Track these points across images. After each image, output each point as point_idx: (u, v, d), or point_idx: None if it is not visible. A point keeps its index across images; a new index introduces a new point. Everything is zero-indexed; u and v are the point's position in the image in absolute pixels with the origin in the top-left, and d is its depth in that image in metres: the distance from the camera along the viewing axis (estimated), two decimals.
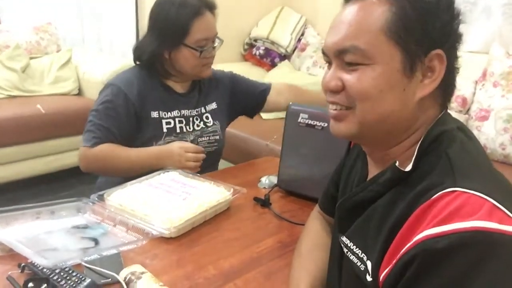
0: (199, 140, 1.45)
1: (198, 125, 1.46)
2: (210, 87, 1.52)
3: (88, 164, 1.35)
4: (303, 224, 0.99)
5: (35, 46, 3.01)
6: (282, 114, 1.26)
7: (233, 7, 3.04)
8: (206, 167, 1.39)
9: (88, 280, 0.79)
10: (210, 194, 1.13)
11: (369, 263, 0.62)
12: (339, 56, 0.63)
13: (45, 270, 0.82)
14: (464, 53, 2.31)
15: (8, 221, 0.95)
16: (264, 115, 2.65)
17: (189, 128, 1.44)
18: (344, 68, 0.63)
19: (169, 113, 1.41)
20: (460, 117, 1.95)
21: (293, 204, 1.21)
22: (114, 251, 0.89)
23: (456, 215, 0.51)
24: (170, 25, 1.33)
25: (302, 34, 3.08)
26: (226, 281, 0.87)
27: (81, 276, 0.80)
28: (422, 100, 0.62)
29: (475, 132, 1.95)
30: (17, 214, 0.98)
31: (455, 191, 0.53)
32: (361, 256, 0.65)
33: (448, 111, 0.67)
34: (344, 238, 0.71)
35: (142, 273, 0.82)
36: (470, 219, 0.50)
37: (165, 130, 1.39)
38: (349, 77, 0.62)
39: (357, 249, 0.67)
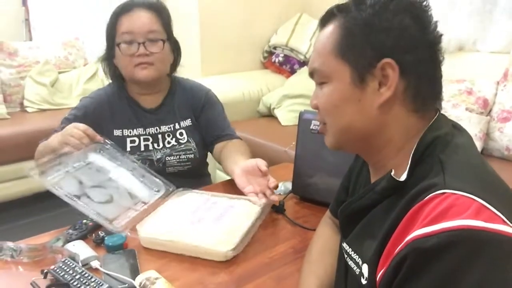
0: (166, 159, 1.40)
1: (169, 142, 1.41)
2: (184, 100, 1.45)
3: (35, 156, 1.32)
4: (315, 230, 1.00)
5: (64, 61, 3.13)
6: None
7: (252, 15, 3.09)
8: (179, 186, 1.24)
9: (105, 286, 0.83)
10: (245, 208, 1.12)
11: (364, 267, 0.64)
12: (312, 78, 0.72)
13: (66, 276, 0.87)
14: (485, 53, 2.29)
15: None
16: (283, 121, 2.68)
17: (157, 146, 1.40)
18: (317, 88, 0.72)
19: (134, 130, 1.39)
20: (482, 119, 1.92)
21: (307, 210, 1.23)
22: None
23: (445, 215, 0.52)
24: (107, 29, 1.36)
25: None
26: (237, 286, 0.89)
27: (99, 282, 0.84)
28: (387, 107, 0.65)
29: (496, 134, 1.92)
30: None
31: (445, 192, 0.55)
32: (358, 261, 0.67)
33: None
34: (344, 245, 0.73)
35: (157, 278, 0.86)
36: (458, 218, 0.51)
37: (128, 148, 1.37)
38: (318, 96, 0.71)
39: (355, 254, 0.69)
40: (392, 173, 0.63)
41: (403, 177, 0.62)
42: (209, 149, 1.49)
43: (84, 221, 1.09)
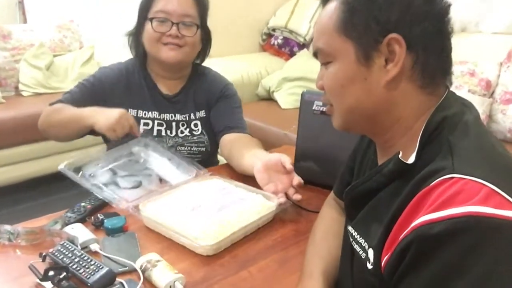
0: (177, 149, 1.35)
1: (182, 132, 1.37)
2: (202, 90, 1.41)
3: (40, 120, 1.32)
4: (318, 212, 0.99)
5: (59, 44, 3.07)
6: None
7: None
8: None
9: (106, 269, 0.82)
10: (253, 206, 1.03)
11: (370, 251, 0.62)
12: (316, 58, 0.70)
13: (65, 259, 0.85)
14: (487, 34, 2.25)
15: None
16: (282, 104, 2.65)
17: (170, 133, 1.36)
18: (322, 68, 0.70)
19: (149, 113, 1.35)
20: (484, 101, 1.89)
21: (309, 192, 1.20)
22: None
23: (452, 201, 0.50)
24: (141, 2, 1.33)
25: None
26: (240, 269, 0.88)
27: (99, 265, 0.82)
28: (394, 85, 0.62)
29: (499, 116, 1.90)
30: None
31: (453, 177, 0.52)
32: (364, 245, 0.65)
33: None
34: (350, 228, 0.71)
35: (158, 261, 0.84)
36: (465, 204, 0.49)
37: (141, 130, 1.32)
38: (324, 76, 0.69)
39: (361, 238, 0.67)
40: (400, 155, 0.61)
41: (411, 160, 0.60)
42: (216, 140, 1.41)
43: (83, 204, 1.07)
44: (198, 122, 1.40)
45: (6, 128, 2.44)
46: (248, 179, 1.14)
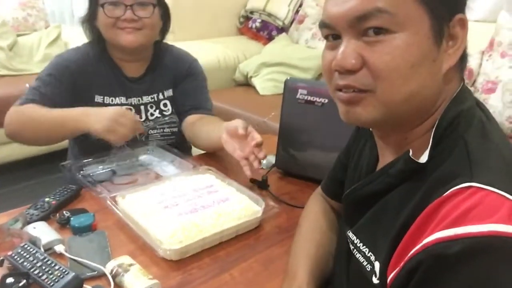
0: (150, 133, 1.29)
1: (152, 114, 1.30)
2: (168, 69, 1.34)
3: (9, 123, 1.17)
4: (302, 207, 0.92)
5: (23, 23, 2.89)
6: (281, 90, 1.18)
7: None
8: None
9: (71, 274, 0.73)
10: (236, 210, 0.93)
11: (376, 264, 0.56)
12: (356, 26, 0.52)
13: (25, 263, 0.76)
14: (470, 22, 2.21)
15: None
16: (261, 90, 2.57)
17: (140, 118, 1.28)
18: (363, 40, 0.53)
19: (116, 99, 1.26)
20: None
21: (292, 186, 1.15)
22: None
23: (471, 216, 0.44)
24: None
25: (300, 6, 2.95)
26: (221, 271, 0.81)
27: (64, 270, 0.74)
28: (451, 74, 0.55)
29: None
30: None
31: (471, 187, 0.46)
32: (368, 255, 0.59)
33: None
34: (350, 234, 0.64)
35: (130, 265, 0.77)
36: (487, 221, 0.43)
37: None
38: (372, 51, 0.52)
39: (364, 247, 0.60)
40: (411, 154, 0.54)
41: (423, 159, 0.53)
42: (180, 119, 1.35)
43: (47, 199, 0.98)
44: (167, 102, 1.33)
45: None
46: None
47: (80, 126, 1.11)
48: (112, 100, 1.27)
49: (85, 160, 1.16)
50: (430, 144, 0.53)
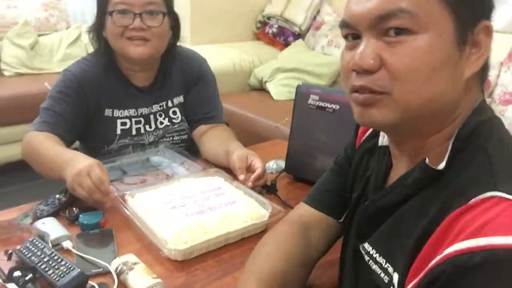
0: (159, 141, 1.29)
1: (161, 123, 1.29)
2: (178, 75, 1.31)
3: (23, 147, 1.15)
4: None
5: (44, 23, 2.96)
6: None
7: None
8: None
9: (77, 271, 0.74)
10: (242, 213, 0.92)
11: (395, 276, 0.54)
12: (377, 25, 0.51)
13: (33, 258, 0.77)
14: None
15: None
16: (275, 95, 2.57)
17: (149, 128, 1.27)
18: (383, 41, 0.51)
19: (125, 111, 1.25)
20: None
21: (301, 191, 1.14)
22: None
23: (493, 227, 0.42)
24: None
25: (318, 12, 2.96)
26: (225, 274, 0.81)
27: (70, 266, 0.75)
28: (472, 82, 0.53)
29: None
30: None
31: (495, 196, 0.45)
32: (385, 266, 0.57)
33: None
34: (366, 245, 0.62)
35: (135, 263, 0.77)
36: (510, 233, 0.41)
37: (118, 131, 1.24)
38: (392, 52, 0.50)
39: (381, 258, 0.58)
40: (427, 161, 0.53)
41: (441, 166, 0.52)
42: (191, 127, 1.34)
43: (58, 195, 0.99)
44: (177, 109, 1.32)
45: None
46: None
47: (62, 175, 0.99)
48: (121, 113, 1.25)
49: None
50: (448, 151, 0.52)
